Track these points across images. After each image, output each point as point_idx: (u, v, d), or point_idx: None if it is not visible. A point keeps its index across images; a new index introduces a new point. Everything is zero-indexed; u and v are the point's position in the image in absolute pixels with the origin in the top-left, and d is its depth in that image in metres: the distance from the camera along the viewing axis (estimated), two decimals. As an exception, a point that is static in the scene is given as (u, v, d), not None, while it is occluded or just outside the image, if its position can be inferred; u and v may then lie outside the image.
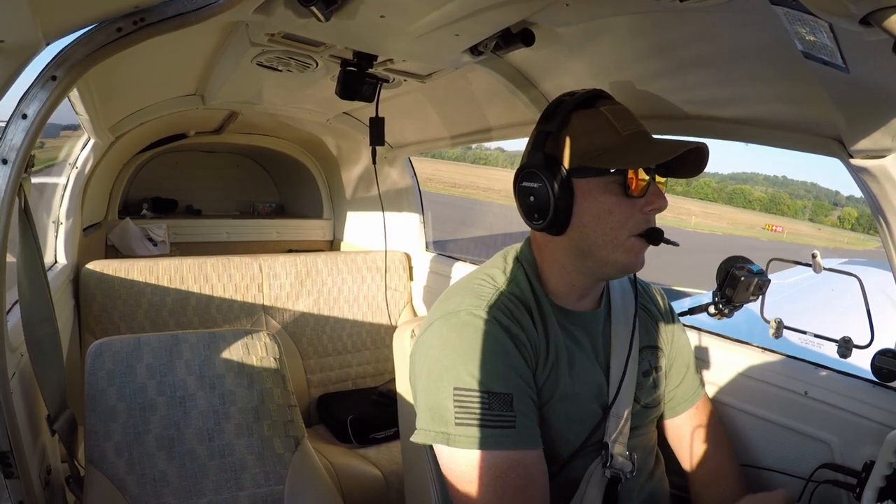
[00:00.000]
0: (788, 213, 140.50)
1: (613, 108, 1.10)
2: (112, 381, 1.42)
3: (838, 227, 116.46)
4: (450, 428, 1.01)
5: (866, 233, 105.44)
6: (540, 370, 1.10)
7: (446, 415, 1.02)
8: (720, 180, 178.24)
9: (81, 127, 2.06)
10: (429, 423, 1.05)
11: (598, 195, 1.07)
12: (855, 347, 1.31)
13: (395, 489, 2.08)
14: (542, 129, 1.12)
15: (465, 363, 1.03)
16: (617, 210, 1.07)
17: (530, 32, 1.39)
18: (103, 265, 2.28)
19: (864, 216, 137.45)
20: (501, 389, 1.02)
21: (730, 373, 1.49)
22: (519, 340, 1.07)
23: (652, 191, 1.07)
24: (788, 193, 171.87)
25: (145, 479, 1.36)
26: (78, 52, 1.03)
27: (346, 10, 1.27)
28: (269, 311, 2.60)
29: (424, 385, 1.08)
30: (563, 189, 1.07)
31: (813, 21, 0.77)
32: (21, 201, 1.13)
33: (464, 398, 1.01)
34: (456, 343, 1.06)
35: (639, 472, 1.18)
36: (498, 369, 1.03)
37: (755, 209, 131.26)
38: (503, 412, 1.01)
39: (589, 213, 1.08)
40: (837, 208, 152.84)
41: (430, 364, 1.08)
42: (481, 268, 1.22)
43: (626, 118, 1.09)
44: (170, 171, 3.70)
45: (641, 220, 1.08)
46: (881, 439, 1.09)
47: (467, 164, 70.57)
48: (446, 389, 1.03)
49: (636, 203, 1.07)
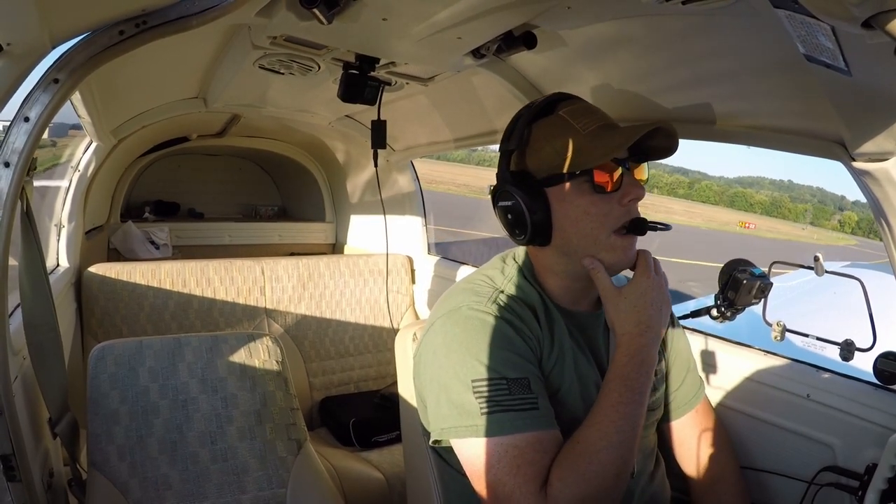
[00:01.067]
0: (790, 216, 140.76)
1: (573, 107, 1.11)
2: (114, 385, 1.42)
3: (838, 231, 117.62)
4: (476, 419, 1.02)
5: (865, 236, 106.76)
6: (545, 361, 1.11)
7: (470, 407, 1.03)
8: (726, 184, 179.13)
9: (84, 129, 2.07)
10: (455, 419, 1.05)
11: (573, 199, 1.08)
12: (857, 350, 1.31)
13: (397, 492, 2.08)
14: (505, 148, 1.14)
15: (476, 355, 1.04)
16: (593, 209, 1.07)
17: (532, 35, 1.39)
18: (105, 268, 2.28)
19: (863, 220, 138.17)
20: (517, 374, 1.04)
21: (732, 376, 1.49)
22: (522, 332, 1.08)
23: (626, 182, 1.07)
24: (790, 197, 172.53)
25: (147, 483, 1.35)
26: (80, 54, 1.04)
27: (349, 13, 1.27)
28: (272, 315, 2.60)
29: (439, 384, 1.08)
30: (537, 201, 1.09)
31: (815, 24, 0.77)
32: (23, 204, 1.13)
33: (483, 388, 1.02)
34: (462, 338, 1.07)
35: (639, 475, 1.19)
36: (508, 357, 1.05)
37: (756, 212, 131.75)
38: (524, 395, 1.02)
39: (567, 218, 1.09)
40: (839, 212, 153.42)
41: (439, 362, 1.09)
42: (479, 270, 1.23)
43: (586, 115, 1.10)
44: (172, 175, 3.70)
45: (621, 213, 1.08)
46: (883, 442, 1.09)
47: (472, 165, 71.17)
48: (464, 383, 1.03)
49: (613, 197, 1.07)
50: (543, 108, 1.12)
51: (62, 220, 2.18)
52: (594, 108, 1.12)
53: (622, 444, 0.99)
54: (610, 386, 1.05)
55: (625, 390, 1.03)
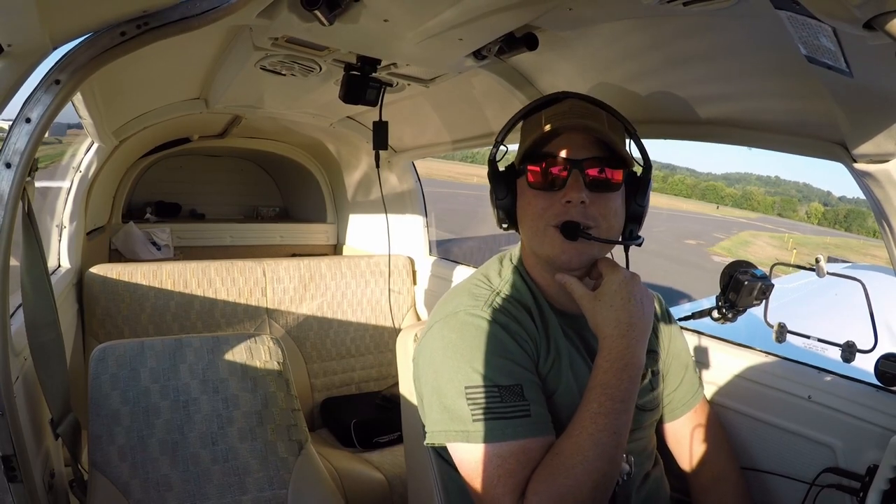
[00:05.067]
0: (759, 208, 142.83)
1: (559, 107, 1.15)
2: (116, 385, 1.42)
3: (805, 222, 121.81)
4: (468, 425, 1.03)
5: (831, 227, 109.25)
6: (542, 363, 1.13)
7: (462, 413, 1.04)
8: (712, 179, 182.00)
9: (85, 130, 2.07)
10: (447, 424, 1.07)
11: (524, 190, 1.16)
12: (858, 352, 1.31)
13: (398, 493, 2.08)
14: (495, 139, 1.24)
15: (470, 361, 1.06)
16: (534, 202, 1.13)
17: (534, 37, 1.39)
18: (107, 269, 2.29)
19: (829, 212, 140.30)
20: (510, 382, 1.05)
21: (733, 377, 1.49)
22: (518, 335, 1.10)
23: (570, 183, 1.09)
24: (765, 192, 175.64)
25: (148, 484, 1.35)
26: (82, 55, 1.04)
27: (350, 15, 1.27)
28: (273, 315, 2.60)
29: (434, 387, 1.10)
30: (504, 190, 1.19)
31: (817, 25, 0.77)
32: (24, 205, 1.13)
33: (476, 395, 1.04)
34: (458, 343, 1.08)
35: (636, 475, 1.19)
36: (502, 364, 1.06)
37: (727, 204, 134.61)
38: (516, 402, 1.03)
39: (521, 209, 1.17)
40: (805, 203, 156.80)
41: (436, 366, 1.10)
42: (478, 271, 1.26)
43: (563, 115, 1.12)
44: (173, 175, 3.70)
45: (559, 211, 1.10)
46: (885, 443, 1.09)
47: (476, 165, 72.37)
48: (458, 389, 1.05)
49: (555, 196, 1.10)
50: (537, 107, 1.18)
51: (64, 220, 2.19)
52: (582, 110, 1.13)
53: (600, 456, 0.98)
54: (589, 395, 1.04)
55: (605, 399, 1.01)
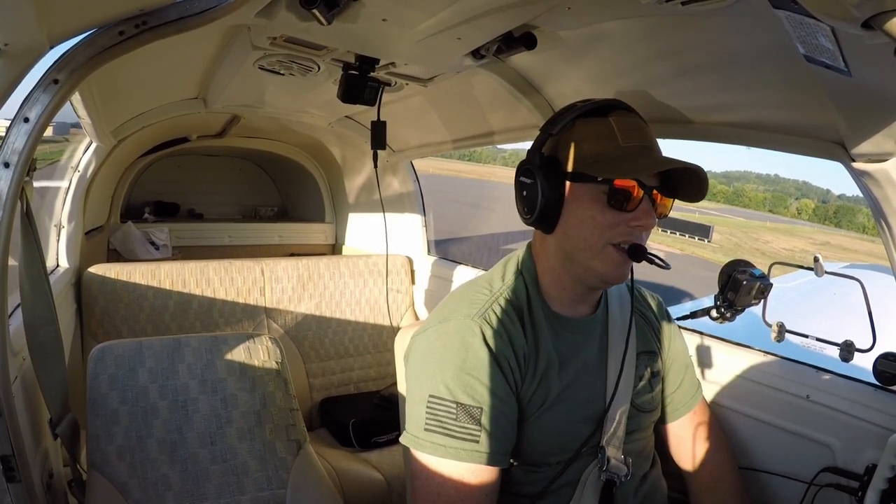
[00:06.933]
0: (751, 205, 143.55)
1: (623, 119, 1.11)
2: (114, 385, 1.41)
3: (796, 217, 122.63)
4: (419, 433, 1.06)
5: (821, 223, 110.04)
6: (528, 381, 1.12)
7: (419, 420, 1.07)
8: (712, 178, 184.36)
9: (83, 130, 2.07)
10: (407, 426, 1.10)
11: (586, 201, 1.09)
12: (857, 351, 1.31)
13: (397, 493, 2.08)
14: (546, 130, 1.15)
15: (444, 373, 1.07)
16: (600, 218, 1.08)
17: (532, 36, 1.39)
18: (105, 269, 2.28)
19: (820, 208, 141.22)
20: (472, 403, 1.05)
21: (731, 376, 1.49)
22: (502, 355, 1.09)
23: (643, 207, 1.08)
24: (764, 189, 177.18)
25: (147, 484, 1.35)
26: (80, 55, 1.03)
27: (348, 14, 1.27)
28: (272, 315, 2.60)
29: (409, 388, 1.14)
30: (554, 189, 1.10)
31: (815, 24, 0.78)
32: (23, 205, 1.13)
33: (436, 407, 1.06)
34: (440, 353, 1.09)
35: (634, 476, 1.19)
36: (473, 384, 1.06)
37: (719, 201, 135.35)
38: (469, 425, 1.04)
39: (575, 216, 1.11)
40: (795, 200, 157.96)
41: (415, 369, 1.14)
42: (483, 275, 1.25)
43: (632, 131, 1.10)
44: (172, 175, 3.70)
45: (624, 232, 1.08)
46: (883, 443, 1.09)
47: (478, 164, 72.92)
48: (423, 395, 1.07)
49: (623, 216, 1.08)
50: (597, 109, 1.13)
51: (62, 220, 2.18)
52: (643, 127, 1.12)
53: None
54: None
55: None
